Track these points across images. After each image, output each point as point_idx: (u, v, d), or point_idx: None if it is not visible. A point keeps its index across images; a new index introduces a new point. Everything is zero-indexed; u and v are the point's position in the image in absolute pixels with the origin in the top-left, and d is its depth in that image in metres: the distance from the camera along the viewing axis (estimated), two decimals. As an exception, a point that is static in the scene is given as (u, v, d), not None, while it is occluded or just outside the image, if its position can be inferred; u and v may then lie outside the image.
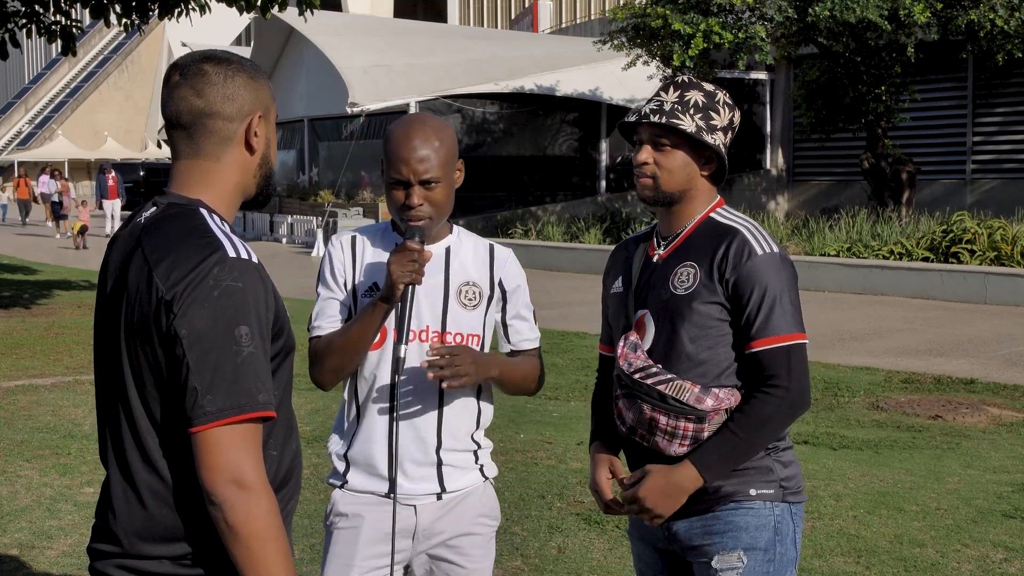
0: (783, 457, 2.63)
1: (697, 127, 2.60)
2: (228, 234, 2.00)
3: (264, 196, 2.17)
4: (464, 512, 2.78)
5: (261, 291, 1.96)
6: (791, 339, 2.54)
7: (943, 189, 22.35)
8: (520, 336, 2.85)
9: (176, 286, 1.91)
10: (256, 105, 2.09)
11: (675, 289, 2.61)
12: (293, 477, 2.13)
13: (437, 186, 2.66)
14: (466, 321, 2.75)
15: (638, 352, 2.63)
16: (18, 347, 10.97)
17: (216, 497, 1.87)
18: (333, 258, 2.78)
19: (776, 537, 2.59)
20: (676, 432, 2.54)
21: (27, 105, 65.10)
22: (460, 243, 2.82)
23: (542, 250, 20.35)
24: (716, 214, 2.68)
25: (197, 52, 2.13)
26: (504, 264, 2.83)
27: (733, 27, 18.33)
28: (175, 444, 1.95)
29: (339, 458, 2.80)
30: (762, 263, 2.55)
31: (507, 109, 25.73)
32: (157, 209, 2.05)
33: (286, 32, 28.65)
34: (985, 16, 16.93)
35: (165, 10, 13.50)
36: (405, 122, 2.70)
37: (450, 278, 2.77)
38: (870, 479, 6.34)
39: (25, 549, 5.13)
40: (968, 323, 12.64)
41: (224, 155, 2.07)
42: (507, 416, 7.83)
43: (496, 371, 2.71)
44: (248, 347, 1.90)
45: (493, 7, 53.98)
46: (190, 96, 2.04)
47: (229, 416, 1.87)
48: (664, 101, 2.63)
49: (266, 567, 1.88)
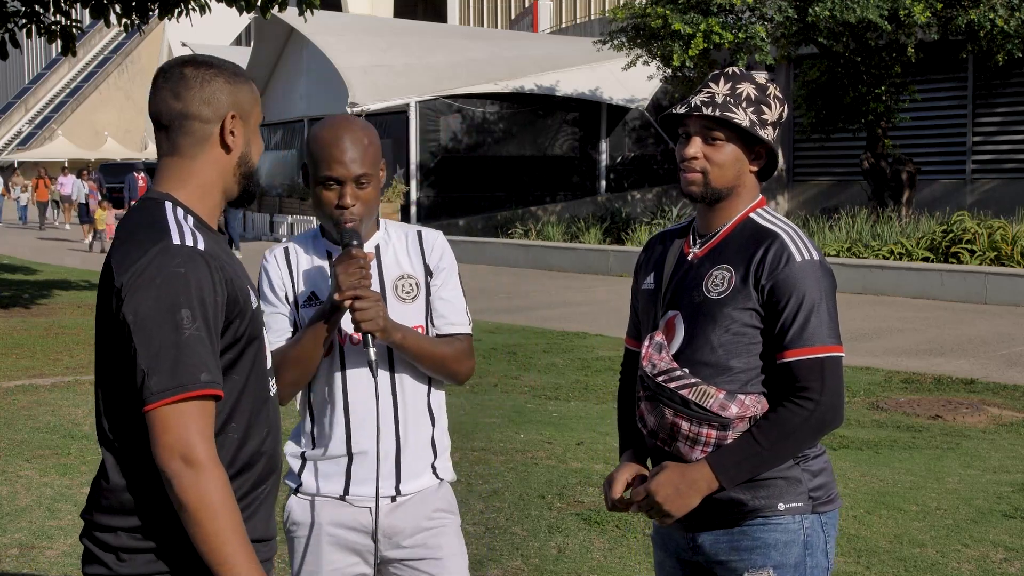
0: (813, 466, 2.53)
1: (750, 121, 2.50)
2: (183, 224, 2.10)
3: (247, 194, 2.27)
4: (420, 509, 2.76)
5: (207, 277, 2.05)
6: (827, 351, 2.44)
7: (943, 189, 22.34)
8: (444, 320, 2.77)
9: (123, 274, 2.04)
10: (232, 106, 2.18)
11: (708, 292, 2.51)
12: (260, 462, 2.18)
13: (368, 184, 2.66)
14: (406, 314, 2.72)
15: (663, 353, 2.54)
16: (18, 347, 10.97)
17: (167, 472, 1.98)
18: (270, 273, 2.76)
19: (806, 551, 2.52)
20: (698, 438, 2.46)
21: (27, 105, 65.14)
22: (389, 237, 2.80)
23: (542, 250, 20.34)
24: (756, 214, 2.58)
25: (181, 56, 2.24)
26: (432, 247, 2.80)
27: (733, 27, 18.32)
28: (133, 424, 2.05)
29: (295, 457, 2.78)
30: (800, 270, 2.45)
31: (507, 109, 25.73)
32: (135, 204, 2.21)
33: (286, 32, 28.63)
34: (985, 16, 16.92)
35: (165, 10, 13.50)
36: (331, 123, 2.69)
37: (384, 274, 2.75)
38: (870, 479, 6.34)
39: (25, 549, 5.13)
40: (968, 323, 12.63)
41: (200, 154, 2.18)
42: (507, 416, 7.84)
43: (399, 335, 2.64)
44: (190, 329, 2.00)
45: (493, 7, 53.98)
46: (169, 98, 2.17)
47: (173, 395, 1.98)
48: (716, 93, 2.53)
49: (218, 540, 1.97)
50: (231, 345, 2.11)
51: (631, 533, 5.31)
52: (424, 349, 2.70)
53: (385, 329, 2.61)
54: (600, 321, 12.95)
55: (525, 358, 10.51)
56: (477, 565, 4.74)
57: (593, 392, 8.92)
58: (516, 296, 15.83)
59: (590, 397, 8.74)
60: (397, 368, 2.73)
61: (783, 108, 2.58)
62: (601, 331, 12.13)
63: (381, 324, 2.59)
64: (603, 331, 12.12)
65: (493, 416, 7.89)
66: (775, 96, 2.56)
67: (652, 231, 20.03)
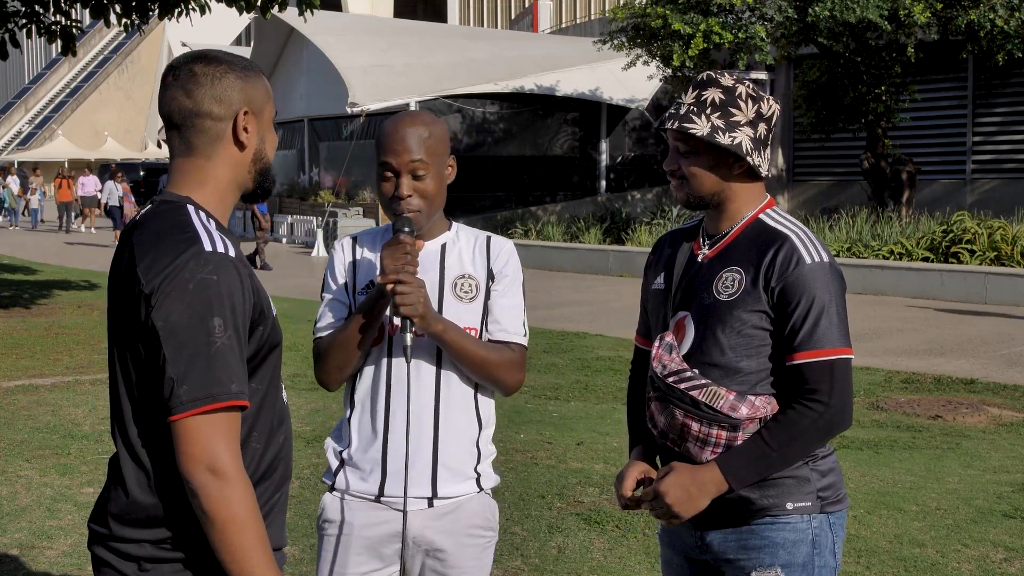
0: (822, 466, 2.54)
1: (712, 127, 2.48)
2: (210, 230, 2.05)
3: (262, 190, 2.23)
4: (456, 521, 2.69)
5: (237, 284, 2.01)
6: (836, 353, 2.45)
7: (943, 189, 22.34)
8: (498, 326, 2.70)
9: (154, 280, 1.98)
10: (244, 102, 2.14)
11: (719, 294, 2.51)
12: (278, 469, 2.17)
13: (426, 176, 2.63)
14: (463, 314, 2.69)
15: (673, 354, 2.53)
16: (18, 347, 10.97)
17: (192, 484, 1.94)
18: (335, 261, 2.78)
19: (814, 551, 2.52)
20: (708, 439, 2.46)
21: (27, 105, 65.16)
22: (457, 239, 2.77)
23: (542, 250, 20.35)
24: (766, 215, 2.57)
25: (190, 53, 2.19)
26: (499, 254, 2.76)
27: (733, 27, 18.32)
28: (157, 433, 2.01)
29: (335, 455, 2.75)
30: (810, 272, 2.44)
31: (507, 109, 25.73)
32: (151, 207, 2.13)
33: (286, 32, 28.65)
34: (985, 16, 16.92)
35: (165, 10, 13.50)
36: (397, 116, 2.70)
37: (445, 272, 2.72)
38: (870, 479, 6.34)
39: (25, 549, 5.13)
40: (968, 323, 12.64)
41: (215, 153, 2.13)
42: (507, 416, 7.83)
43: (440, 326, 2.58)
44: (221, 338, 1.96)
45: (493, 7, 53.99)
46: (180, 97, 2.11)
47: (203, 405, 1.93)
48: (682, 104, 2.53)
49: (242, 552, 1.94)
50: (255, 353, 2.08)
51: (631, 533, 5.31)
52: (466, 347, 2.63)
53: (424, 316, 2.56)
54: (600, 321, 12.94)
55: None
56: (477, 565, 4.74)
57: (593, 392, 8.92)
58: (516, 296, 15.80)
59: (590, 397, 8.74)
60: (444, 365, 2.68)
61: (760, 103, 2.53)
62: (601, 331, 12.13)
63: (420, 311, 2.55)
64: (603, 331, 12.12)
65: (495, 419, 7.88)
66: (748, 95, 2.52)
67: (652, 231, 20.03)
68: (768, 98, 2.56)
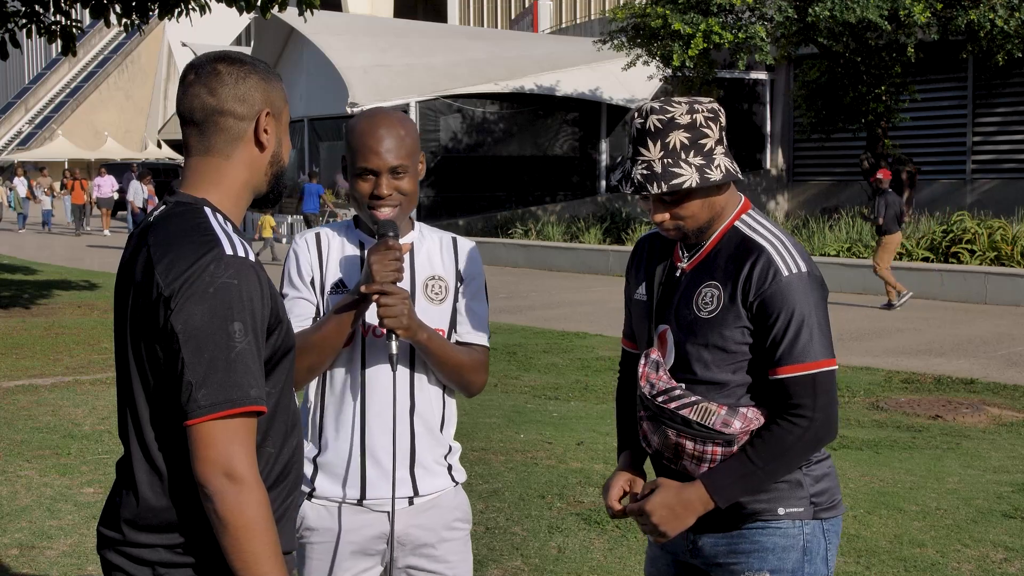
0: (815, 471, 2.51)
1: (698, 170, 2.41)
2: (228, 233, 2.04)
3: (275, 194, 2.22)
4: (437, 517, 2.71)
5: (256, 289, 2.00)
6: (818, 366, 2.41)
7: (943, 189, 22.35)
8: (466, 328, 2.74)
9: (174, 283, 1.96)
10: (266, 103, 2.13)
11: (699, 311, 2.47)
12: (292, 472, 2.16)
13: (405, 175, 2.64)
14: (433, 316, 2.70)
15: (660, 372, 2.50)
16: (18, 347, 10.97)
17: (208, 489, 1.92)
18: (299, 257, 2.72)
19: (805, 557, 2.49)
20: (704, 457, 2.44)
21: (27, 105, 65.15)
22: (423, 238, 2.79)
23: (542, 250, 20.35)
24: (741, 222, 2.52)
25: (212, 52, 2.18)
26: (466, 256, 2.79)
27: (733, 27, 18.33)
28: (172, 437, 2.00)
29: (307, 461, 2.70)
30: (787, 284, 2.40)
31: (507, 109, 25.73)
32: (166, 207, 2.11)
33: (286, 32, 28.64)
34: (985, 16, 16.93)
35: (165, 10, 13.50)
36: (368, 114, 2.68)
37: (416, 273, 2.73)
38: (870, 479, 6.34)
39: (25, 549, 5.12)
40: (968, 323, 12.64)
41: (234, 153, 2.12)
42: (507, 416, 7.83)
43: (425, 335, 2.59)
44: (241, 343, 1.95)
45: (493, 7, 53.98)
46: (203, 94, 2.10)
47: (222, 410, 1.92)
48: (651, 160, 2.42)
49: (254, 558, 1.93)
50: (270, 357, 2.07)
51: (631, 533, 5.31)
52: (447, 354, 2.66)
53: (409, 328, 2.56)
54: (600, 321, 12.95)
55: (525, 358, 10.52)
56: (477, 565, 4.73)
57: (593, 392, 8.92)
58: (516, 296, 15.84)
59: (590, 397, 8.74)
60: (417, 367, 2.69)
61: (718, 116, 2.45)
62: (601, 331, 12.14)
63: (404, 323, 2.54)
64: (603, 331, 12.12)
65: (493, 416, 7.89)
66: (705, 117, 2.43)
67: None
68: (710, 102, 2.49)
